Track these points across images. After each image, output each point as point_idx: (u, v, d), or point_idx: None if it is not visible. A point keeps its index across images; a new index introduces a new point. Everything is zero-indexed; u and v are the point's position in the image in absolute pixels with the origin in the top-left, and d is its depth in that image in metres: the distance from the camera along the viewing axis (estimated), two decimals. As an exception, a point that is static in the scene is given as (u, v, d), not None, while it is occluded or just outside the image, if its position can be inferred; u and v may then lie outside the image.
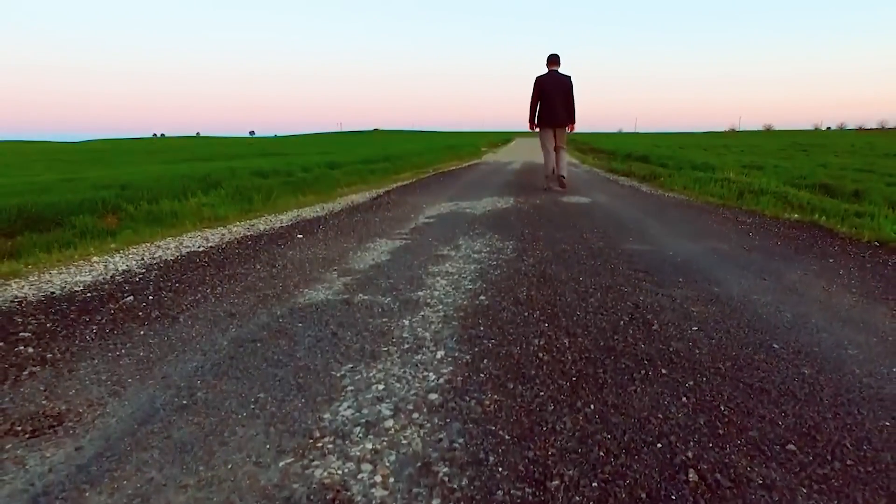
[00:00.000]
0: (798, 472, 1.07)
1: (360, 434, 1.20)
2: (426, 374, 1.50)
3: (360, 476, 1.05)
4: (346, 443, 1.17)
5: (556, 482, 1.03)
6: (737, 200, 6.30)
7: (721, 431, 1.21)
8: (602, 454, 1.12)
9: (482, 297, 2.20)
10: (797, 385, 1.45)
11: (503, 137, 51.83)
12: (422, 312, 2.02)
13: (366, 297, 2.23)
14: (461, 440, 1.17)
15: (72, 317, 2.02)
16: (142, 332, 1.85)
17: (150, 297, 2.27)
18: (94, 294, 2.33)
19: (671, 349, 1.68)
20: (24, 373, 1.53)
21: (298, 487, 1.02)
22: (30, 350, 1.68)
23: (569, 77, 6.75)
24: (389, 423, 1.24)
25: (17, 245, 5.37)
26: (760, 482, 1.03)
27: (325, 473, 1.06)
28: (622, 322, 1.92)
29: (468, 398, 1.36)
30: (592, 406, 1.32)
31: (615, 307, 2.09)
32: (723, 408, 1.32)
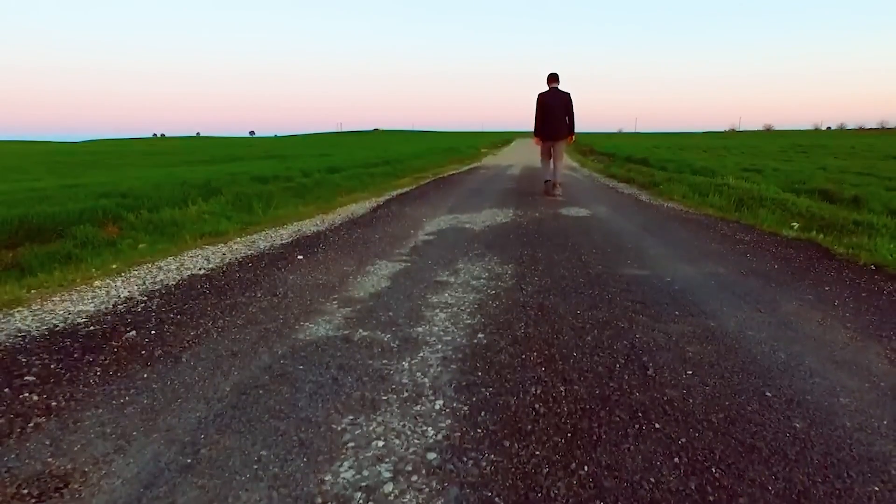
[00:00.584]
0: (786, 547, 1.10)
1: (361, 500, 1.23)
2: (425, 430, 1.52)
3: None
4: (347, 510, 1.20)
5: (551, 559, 1.06)
6: (735, 212, 6.33)
7: (711, 498, 1.24)
8: (596, 525, 1.15)
9: (480, 335, 2.23)
10: (788, 442, 1.48)
11: (503, 138, 51.81)
12: (421, 353, 2.05)
13: (366, 334, 2.26)
14: (458, 508, 1.20)
15: (75, 355, 2.05)
16: (145, 375, 1.88)
17: (153, 332, 2.30)
18: (97, 328, 2.35)
19: (665, 398, 1.71)
20: (30, 425, 1.55)
21: (300, 564, 1.05)
22: (34, 398, 1.71)
23: (568, 94, 7.31)
24: (389, 488, 1.27)
25: (19, 256, 5.41)
26: (749, 559, 1.06)
27: (326, 547, 1.09)
28: (618, 365, 1.95)
29: (466, 459, 1.39)
30: (587, 468, 1.35)
31: (611, 346, 2.11)
32: (714, 470, 1.35)
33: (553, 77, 7.38)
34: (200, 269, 3.42)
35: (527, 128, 7.68)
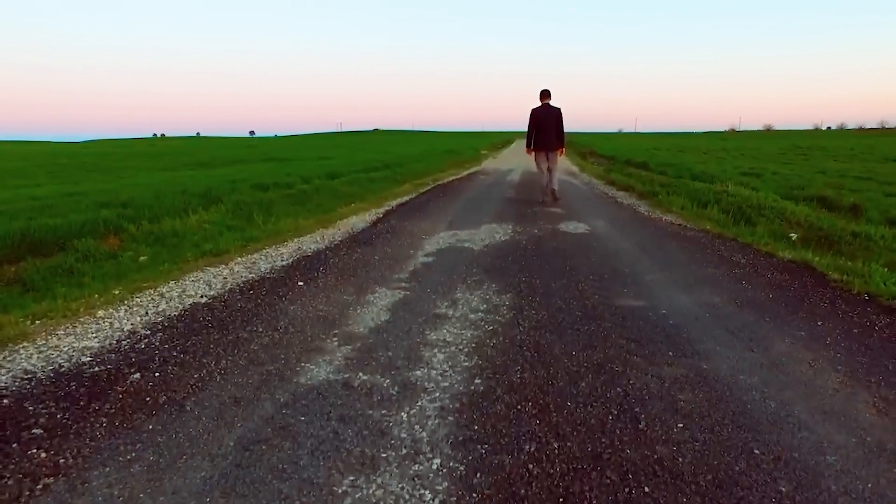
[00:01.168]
0: None
1: (360, 576, 1.28)
2: (423, 493, 1.57)
3: None
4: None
5: None
6: (733, 226, 6.38)
7: (698, 575, 1.29)
8: None
9: (478, 381, 2.28)
10: (774, 508, 1.53)
11: (503, 139, 51.77)
12: (419, 402, 2.10)
13: (365, 378, 2.31)
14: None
15: (81, 402, 2.09)
16: (150, 427, 1.92)
17: (157, 374, 2.34)
18: (102, 369, 2.40)
19: (656, 456, 1.76)
20: (38, 486, 1.60)
21: None
22: (42, 454, 1.75)
23: (559, 109, 7.96)
24: (387, 562, 1.33)
25: (21, 272, 5.46)
26: None
27: None
28: (611, 417, 2.00)
29: (461, 528, 1.44)
30: (578, 540, 1.40)
31: (605, 395, 2.16)
32: (701, 542, 1.40)
33: (545, 93, 7.93)
34: (202, 297, 3.47)
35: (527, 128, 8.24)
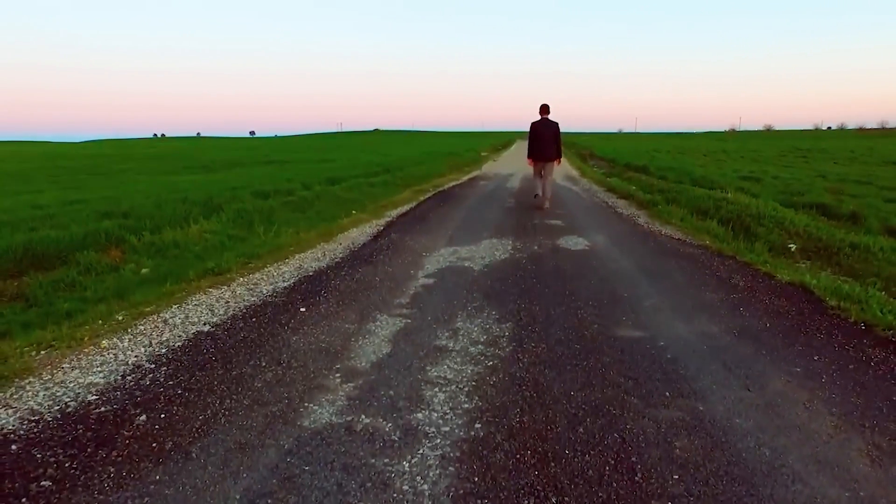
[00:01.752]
0: None
1: None
2: (424, 556, 1.62)
3: None
4: None
5: None
6: (732, 240, 6.42)
7: None
8: None
9: (478, 426, 2.32)
10: (767, 573, 1.57)
11: (504, 139, 51.80)
12: (421, 450, 2.14)
13: (368, 421, 2.35)
14: None
15: (88, 449, 2.13)
16: (157, 477, 1.96)
17: (162, 416, 2.38)
18: (108, 409, 2.44)
19: (653, 513, 1.80)
20: (51, 546, 1.64)
21: None
22: (53, 510, 1.80)
23: (556, 123, 8.64)
24: None
25: (24, 287, 5.50)
26: None
27: None
28: (608, 467, 2.04)
29: None
30: None
31: (603, 441, 2.20)
32: None
33: (544, 108, 8.61)
34: (205, 325, 3.50)
35: (528, 128, 8.89)
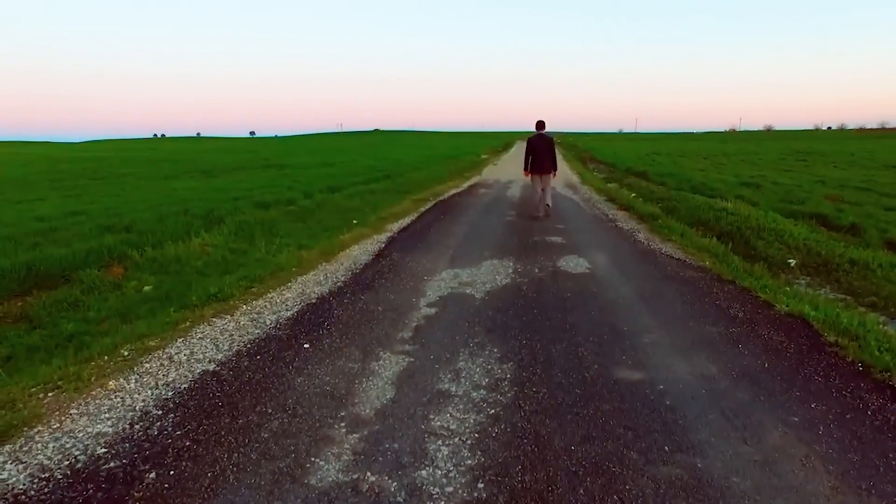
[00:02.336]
0: None
1: None
2: None
3: None
4: None
5: None
6: (732, 261, 6.47)
7: None
8: None
9: (480, 485, 2.36)
10: None
11: (504, 140, 51.76)
12: (425, 514, 2.19)
13: (373, 480, 2.40)
14: None
15: (100, 514, 2.18)
16: (167, 547, 2.01)
17: (171, 473, 2.43)
18: (118, 464, 2.48)
19: (653, 590, 1.85)
20: None
21: None
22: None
23: (552, 138, 9.34)
24: None
25: (28, 307, 5.54)
26: None
27: None
28: (610, 536, 2.09)
29: None
30: None
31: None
32: None
33: (540, 124, 9.22)
34: (210, 363, 3.55)
35: (529, 128, 9.57)
